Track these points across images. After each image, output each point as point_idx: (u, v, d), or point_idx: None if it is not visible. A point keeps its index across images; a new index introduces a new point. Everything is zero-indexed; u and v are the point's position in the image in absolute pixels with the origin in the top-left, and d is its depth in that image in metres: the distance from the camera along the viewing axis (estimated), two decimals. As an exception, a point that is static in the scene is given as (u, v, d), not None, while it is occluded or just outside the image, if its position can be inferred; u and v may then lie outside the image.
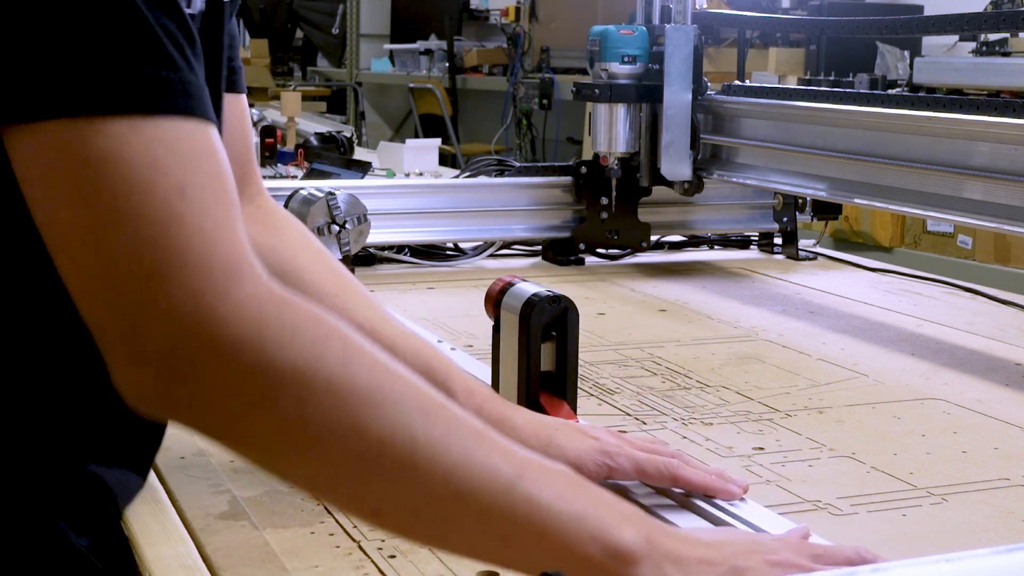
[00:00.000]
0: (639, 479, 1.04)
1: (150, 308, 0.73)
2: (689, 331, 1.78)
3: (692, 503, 1.03)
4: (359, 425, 0.74)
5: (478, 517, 0.75)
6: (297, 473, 0.78)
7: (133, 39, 0.74)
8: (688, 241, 2.48)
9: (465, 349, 1.57)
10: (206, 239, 0.74)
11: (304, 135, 4.12)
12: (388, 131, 8.66)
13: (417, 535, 0.79)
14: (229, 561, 0.96)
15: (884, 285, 2.16)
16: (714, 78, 2.35)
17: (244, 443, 0.77)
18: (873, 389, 1.50)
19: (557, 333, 1.21)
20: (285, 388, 0.73)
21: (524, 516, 0.76)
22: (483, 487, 0.75)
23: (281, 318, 0.74)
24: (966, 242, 4.05)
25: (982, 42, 3.99)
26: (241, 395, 0.73)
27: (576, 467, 0.99)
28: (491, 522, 0.76)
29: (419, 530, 0.77)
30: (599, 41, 2.16)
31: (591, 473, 1.02)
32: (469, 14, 8.28)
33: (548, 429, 1.06)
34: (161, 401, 0.75)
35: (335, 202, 1.83)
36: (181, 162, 0.74)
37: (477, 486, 0.75)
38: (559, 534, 0.76)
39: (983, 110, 1.62)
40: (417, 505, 0.75)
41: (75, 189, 0.73)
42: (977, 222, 1.63)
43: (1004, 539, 1.05)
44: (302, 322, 0.75)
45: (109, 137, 0.73)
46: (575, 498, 0.78)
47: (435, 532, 0.77)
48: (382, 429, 0.74)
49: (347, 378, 0.74)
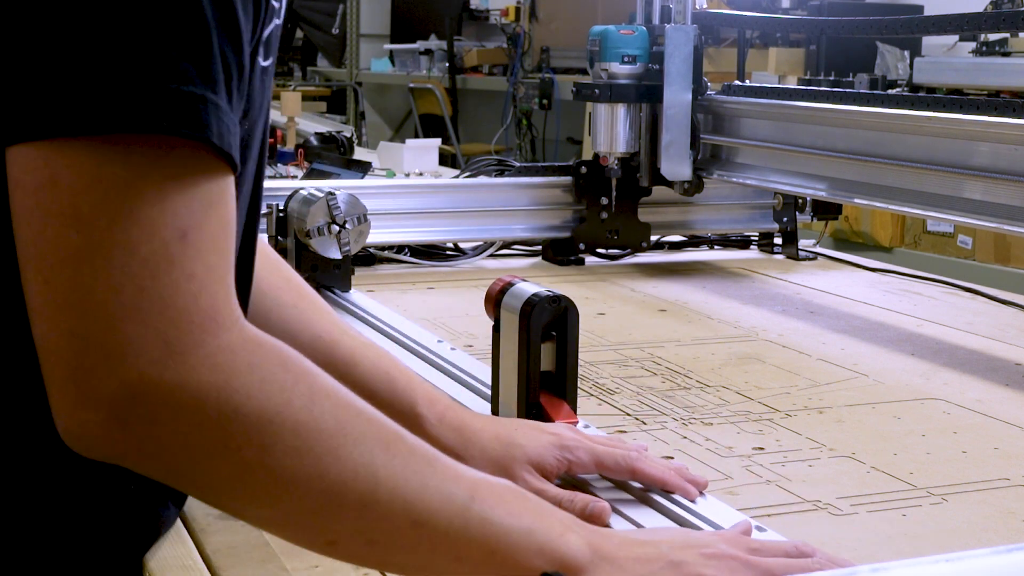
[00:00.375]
0: (598, 472, 1.06)
1: (115, 348, 0.69)
2: (689, 331, 1.78)
3: (651, 499, 1.04)
4: (322, 468, 0.74)
5: (434, 541, 0.77)
6: (255, 514, 0.78)
7: (182, 53, 0.70)
8: (688, 241, 2.48)
9: (465, 349, 1.57)
10: (192, 287, 0.71)
11: (304, 135, 4.12)
12: (388, 131, 8.66)
13: (370, 562, 0.81)
14: (229, 561, 0.96)
15: (884, 285, 2.16)
16: (714, 78, 2.35)
17: (200, 487, 0.76)
18: (873, 389, 1.50)
19: (557, 333, 1.21)
20: (249, 436, 0.72)
21: (478, 536, 0.78)
22: (440, 512, 0.77)
23: (251, 367, 0.73)
24: (966, 242, 4.05)
25: (982, 42, 3.99)
26: (202, 443, 0.72)
27: (537, 463, 1.03)
28: (446, 544, 0.77)
29: (373, 557, 0.79)
30: (599, 41, 2.16)
31: (551, 468, 1.04)
32: (469, 14, 8.28)
33: (507, 429, 1.08)
34: (107, 446, 0.72)
35: (335, 202, 1.83)
36: (191, 207, 0.71)
37: (435, 512, 0.77)
38: (510, 550, 0.78)
39: (983, 110, 1.62)
40: (374, 535, 0.76)
41: (74, 207, 0.69)
42: (977, 222, 1.63)
43: (1004, 539, 1.05)
44: (271, 369, 0.74)
45: (128, 164, 0.69)
46: (522, 513, 0.80)
47: (389, 558, 0.79)
48: (343, 470, 0.74)
49: (312, 422, 0.74)
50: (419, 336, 1.61)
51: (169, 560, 0.97)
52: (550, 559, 0.78)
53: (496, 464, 1.02)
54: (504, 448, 1.04)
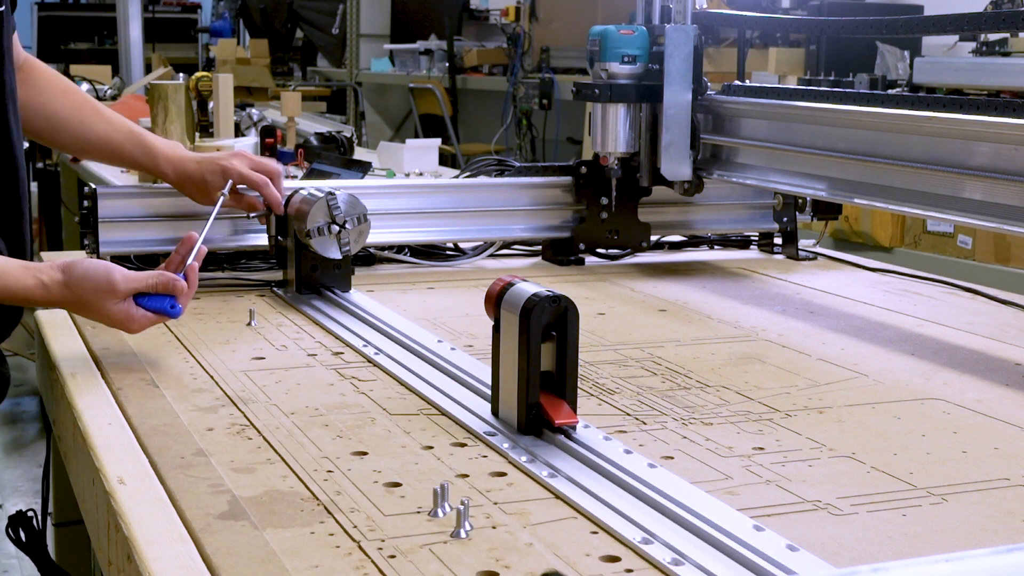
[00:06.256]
0: (244, 182, 1.85)
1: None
2: (689, 331, 1.78)
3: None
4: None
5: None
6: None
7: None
8: (688, 241, 2.48)
9: (465, 349, 1.57)
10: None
11: (304, 135, 4.12)
12: (388, 131, 8.66)
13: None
14: (229, 561, 0.96)
15: (884, 285, 2.16)
16: (714, 78, 2.35)
17: None
18: (873, 389, 1.50)
19: (557, 333, 1.21)
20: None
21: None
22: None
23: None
24: (966, 242, 4.05)
25: (982, 42, 3.99)
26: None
27: (199, 178, 1.85)
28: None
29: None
30: (599, 41, 2.16)
31: (212, 182, 1.84)
32: (469, 14, 8.29)
33: (180, 151, 1.88)
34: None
35: (335, 202, 1.83)
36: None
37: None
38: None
39: (983, 110, 1.62)
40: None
41: None
42: (977, 222, 1.63)
43: (1004, 539, 1.05)
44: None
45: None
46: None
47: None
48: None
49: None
50: (419, 336, 1.61)
51: (169, 560, 0.97)
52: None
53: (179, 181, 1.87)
54: (174, 166, 1.86)
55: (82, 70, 6.16)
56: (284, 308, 1.85)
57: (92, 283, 1.48)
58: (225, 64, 7.88)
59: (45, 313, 1.78)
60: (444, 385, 1.42)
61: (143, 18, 8.56)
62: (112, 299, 1.49)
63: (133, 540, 1.01)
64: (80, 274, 1.49)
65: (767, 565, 0.95)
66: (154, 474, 1.15)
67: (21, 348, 4.76)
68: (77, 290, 1.48)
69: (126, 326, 1.51)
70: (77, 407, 1.37)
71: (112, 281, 1.49)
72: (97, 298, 1.49)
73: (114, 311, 1.50)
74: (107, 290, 1.48)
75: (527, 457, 1.19)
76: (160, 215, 1.99)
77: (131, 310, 1.50)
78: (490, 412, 1.30)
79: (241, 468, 1.16)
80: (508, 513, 1.07)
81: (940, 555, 0.65)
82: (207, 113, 4.15)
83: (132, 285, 1.50)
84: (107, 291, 1.48)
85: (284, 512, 1.06)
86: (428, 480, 1.13)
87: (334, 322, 1.73)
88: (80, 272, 1.49)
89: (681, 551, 0.98)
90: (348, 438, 1.26)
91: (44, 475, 1.87)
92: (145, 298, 1.52)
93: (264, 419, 1.31)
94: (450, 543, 1.00)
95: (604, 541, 1.02)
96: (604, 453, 1.17)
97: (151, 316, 1.52)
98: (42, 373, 1.75)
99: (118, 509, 1.08)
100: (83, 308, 1.51)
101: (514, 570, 0.95)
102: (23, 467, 4.38)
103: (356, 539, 1.00)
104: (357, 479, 1.14)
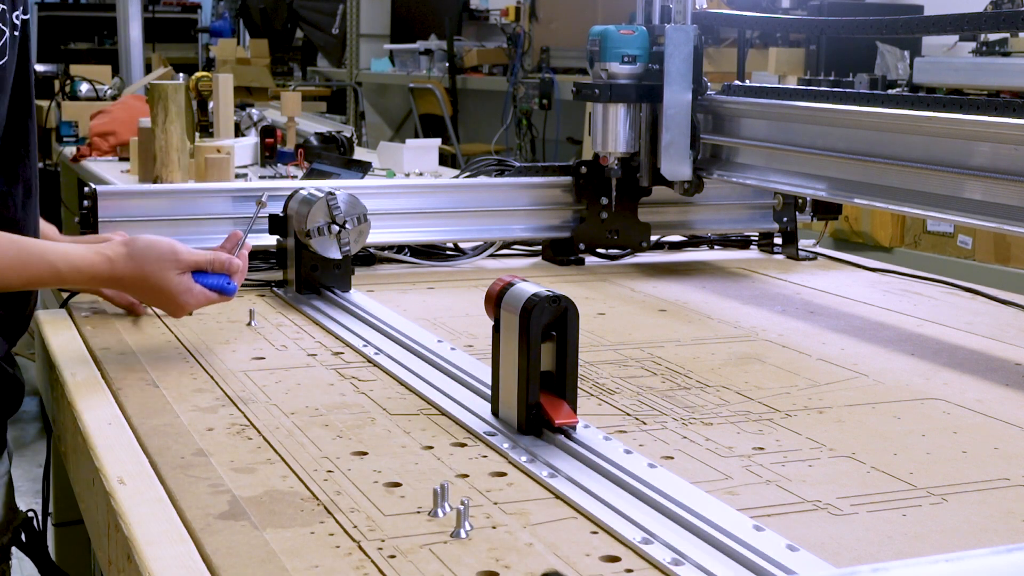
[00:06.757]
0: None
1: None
2: (689, 331, 1.78)
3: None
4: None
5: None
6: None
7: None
8: (688, 241, 2.48)
9: (465, 349, 1.57)
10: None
11: (304, 135, 4.12)
12: (388, 131, 8.66)
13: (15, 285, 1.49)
14: (229, 561, 0.96)
15: (884, 285, 2.16)
16: (714, 78, 2.35)
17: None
18: (873, 389, 1.50)
19: (557, 333, 1.21)
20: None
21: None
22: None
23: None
24: (966, 242, 4.05)
25: (982, 42, 3.99)
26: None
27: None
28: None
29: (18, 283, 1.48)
30: (599, 41, 2.16)
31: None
32: (469, 14, 8.29)
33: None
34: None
35: (335, 202, 1.83)
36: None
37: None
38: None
39: (983, 110, 1.62)
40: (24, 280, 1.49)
41: None
42: (977, 222, 1.63)
43: (1004, 539, 1.05)
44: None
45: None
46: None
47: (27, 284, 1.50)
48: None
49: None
50: (419, 336, 1.61)
51: (169, 560, 0.97)
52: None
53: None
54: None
55: (82, 70, 6.16)
56: (284, 308, 1.85)
57: (156, 252, 1.52)
58: (225, 64, 7.89)
59: (45, 313, 1.78)
60: (444, 385, 1.42)
61: (143, 18, 8.56)
62: (175, 269, 1.53)
63: (133, 540, 1.01)
64: (143, 245, 1.52)
65: (767, 565, 0.95)
66: (154, 474, 1.15)
67: (21, 348, 4.76)
68: (141, 260, 1.51)
69: (183, 299, 1.54)
70: (77, 407, 1.37)
71: (176, 251, 1.53)
72: (161, 267, 1.52)
73: (175, 282, 1.53)
74: (171, 259, 1.52)
75: (527, 457, 1.19)
76: (160, 216, 1.99)
77: (191, 284, 1.54)
78: (490, 412, 1.30)
79: (241, 468, 1.16)
80: (508, 513, 1.07)
81: (940, 555, 0.65)
82: (207, 113, 4.15)
83: (194, 257, 1.55)
84: (171, 260, 1.52)
85: (284, 512, 1.06)
86: (428, 480, 1.13)
87: (334, 322, 1.73)
88: (143, 244, 1.53)
89: (681, 551, 0.98)
90: (348, 438, 1.26)
91: (44, 475, 1.87)
92: (202, 275, 1.56)
93: (264, 419, 1.31)
94: (450, 543, 1.00)
95: (604, 541, 1.02)
96: (604, 453, 1.17)
97: (208, 293, 1.56)
98: (42, 373, 1.75)
99: (118, 509, 1.08)
100: (143, 280, 1.52)
101: (514, 570, 0.95)
102: (23, 467, 4.38)
103: (356, 539, 1.00)
104: (357, 479, 1.14)
